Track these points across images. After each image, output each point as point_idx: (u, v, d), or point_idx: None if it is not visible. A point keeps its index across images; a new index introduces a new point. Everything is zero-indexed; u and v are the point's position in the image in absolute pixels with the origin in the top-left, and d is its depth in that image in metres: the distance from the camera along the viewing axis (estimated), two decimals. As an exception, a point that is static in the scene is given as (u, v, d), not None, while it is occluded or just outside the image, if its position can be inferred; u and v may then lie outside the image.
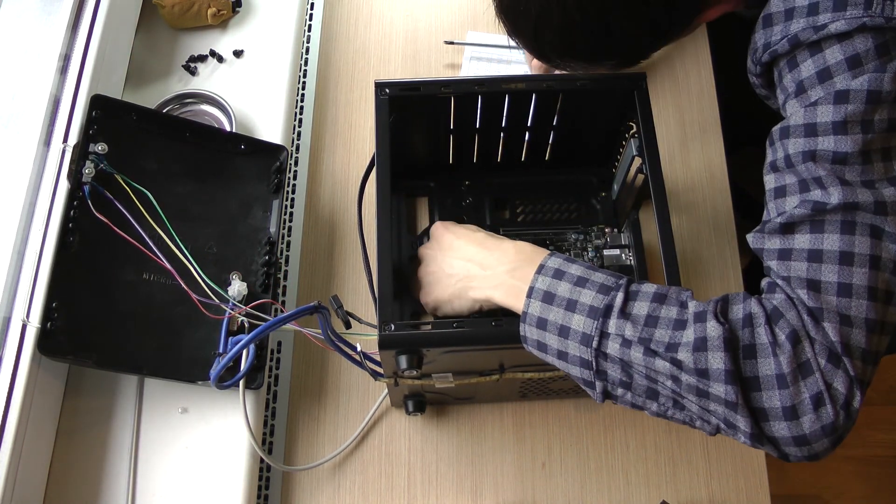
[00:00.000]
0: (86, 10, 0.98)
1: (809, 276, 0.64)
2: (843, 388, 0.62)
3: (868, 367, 0.63)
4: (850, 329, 0.63)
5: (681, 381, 0.64)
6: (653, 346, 0.65)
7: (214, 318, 0.85)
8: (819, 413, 0.61)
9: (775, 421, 0.62)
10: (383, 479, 0.91)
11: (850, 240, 0.63)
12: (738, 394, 0.62)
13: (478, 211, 0.99)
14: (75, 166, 0.86)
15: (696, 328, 0.64)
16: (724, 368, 0.62)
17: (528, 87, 0.87)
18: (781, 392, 0.62)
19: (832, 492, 1.65)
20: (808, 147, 0.65)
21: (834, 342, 0.63)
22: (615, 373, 0.67)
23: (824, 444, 0.63)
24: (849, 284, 0.63)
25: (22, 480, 0.80)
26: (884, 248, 0.63)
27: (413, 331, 0.74)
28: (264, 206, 0.96)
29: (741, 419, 0.63)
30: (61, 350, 0.81)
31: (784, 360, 0.62)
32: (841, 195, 0.63)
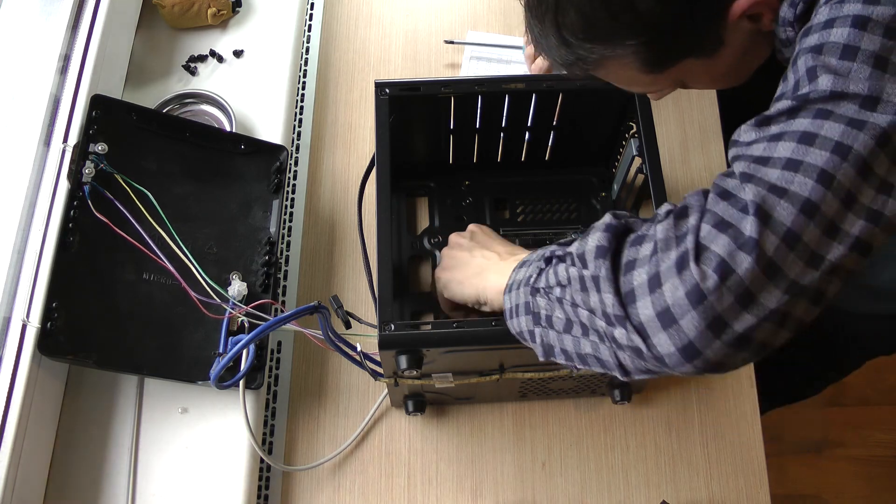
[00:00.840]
0: (86, 10, 0.98)
1: (761, 153, 0.58)
2: (723, 250, 0.55)
3: (793, 257, 0.55)
4: (778, 200, 0.55)
5: (571, 280, 0.63)
6: (559, 254, 0.66)
7: (215, 317, 0.85)
8: (682, 276, 0.56)
9: (641, 299, 0.57)
10: (383, 479, 0.91)
11: (819, 123, 0.56)
12: (608, 269, 0.59)
13: (478, 211, 0.99)
14: (75, 166, 0.86)
15: (595, 223, 0.64)
16: (596, 244, 0.61)
17: (528, 87, 0.87)
18: (649, 264, 0.58)
19: (832, 492, 1.65)
20: (819, 40, 0.59)
21: (748, 201, 0.56)
22: (544, 308, 0.67)
23: (695, 324, 0.55)
24: (799, 161, 0.56)
25: (22, 480, 0.80)
26: (857, 140, 0.55)
27: (413, 331, 0.74)
28: (264, 206, 0.96)
29: (607, 297, 0.59)
30: (61, 350, 0.81)
31: (660, 231, 0.59)
32: (830, 84, 0.57)
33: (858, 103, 0.56)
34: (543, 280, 0.68)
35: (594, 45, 0.68)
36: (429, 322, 0.77)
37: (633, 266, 0.59)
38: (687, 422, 0.93)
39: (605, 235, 0.62)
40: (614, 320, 0.60)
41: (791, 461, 1.67)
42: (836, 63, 0.57)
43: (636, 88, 0.77)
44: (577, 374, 0.81)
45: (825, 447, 1.69)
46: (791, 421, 1.59)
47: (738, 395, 0.94)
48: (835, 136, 0.55)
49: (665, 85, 0.76)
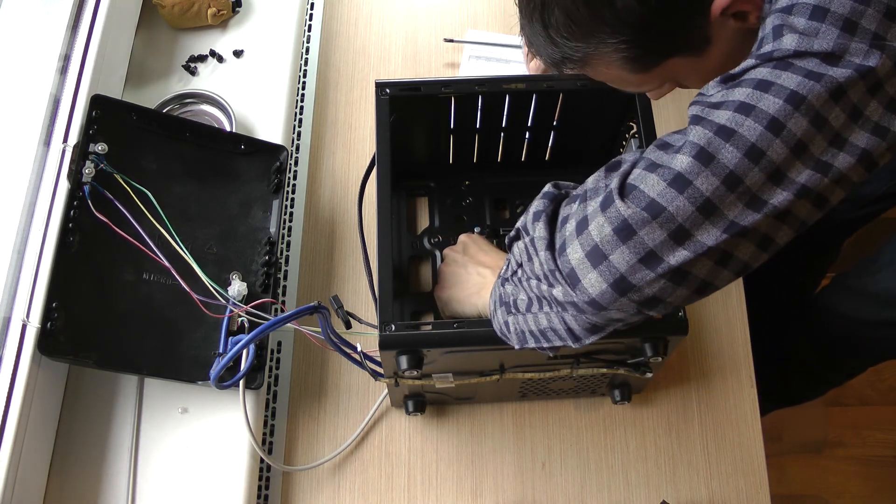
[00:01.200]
0: (86, 10, 0.98)
1: (717, 99, 0.58)
2: (652, 189, 0.56)
3: (733, 198, 0.55)
4: (723, 143, 0.55)
5: (523, 252, 0.66)
6: (512, 234, 0.70)
7: (215, 316, 0.85)
8: (607, 213, 0.57)
9: (570, 245, 0.59)
10: (383, 479, 0.91)
11: (777, 73, 0.56)
12: (544, 228, 0.62)
13: (478, 211, 0.99)
14: (75, 166, 0.86)
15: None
16: (534, 211, 0.65)
17: (528, 88, 0.87)
18: (576, 212, 0.61)
19: (832, 492, 1.65)
20: (790, 0, 0.59)
21: (687, 142, 0.56)
22: (511, 294, 0.69)
23: (626, 258, 0.56)
24: (751, 105, 0.56)
25: (22, 480, 0.79)
26: (812, 92, 0.55)
27: (413, 331, 0.74)
28: (264, 206, 0.96)
29: (543, 254, 0.62)
30: (61, 350, 0.81)
31: (590, 181, 0.62)
32: (794, 43, 0.57)
33: (820, 58, 0.56)
34: (509, 269, 0.70)
35: (578, 44, 0.68)
36: (429, 322, 0.77)
37: (566, 221, 0.61)
38: (687, 422, 0.93)
39: (541, 201, 0.65)
40: (551, 278, 0.62)
41: (791, 461, 1.67)
42: (804, 23, 0.57)
43: (629, 88, 0.77)
44: (576, 373, 0.81)
45: (825, 447, 1.69)
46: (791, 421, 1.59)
47: (738, 395, 0.94)
48: (791, 85, 0.56)
49: (656, 84, 0.76)
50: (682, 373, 0.95)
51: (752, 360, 0.95)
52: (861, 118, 0.56)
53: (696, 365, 0.95)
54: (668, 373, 0.94)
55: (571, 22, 0.67)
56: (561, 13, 0.67)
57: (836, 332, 1.24)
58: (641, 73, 0.71)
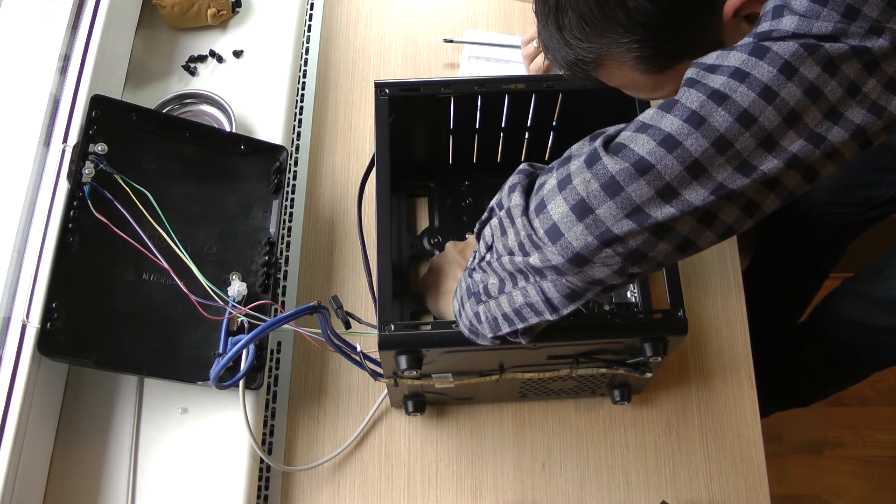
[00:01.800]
0: (86, 10, 0.98)
1: (713, 61, 0.58)
2: (641, 147, 0.56)
3: (722, 161, 0.55)
4: (716, 107, 0.55)
5: (493, 230, 0.66)
6: (483, 218, 0.70)
7: (213, 318, 0.85)
8: (594, 170, 0.57)
9: (551, 201, 0.59)
10: (383, 479, 0.91)
11: (773, 43, 0.56)
12: (520, 196, 0.62)
13: (478, 211, 0.99)
14: (75, 166, 0.86)
15: None
16: (509, 185, 0.65)
17: (528, 88, 0.87)
18: (557, 172, 0.61)
19: (832, 492, 1.65)
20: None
21: (678, 103, 0.56)
22: (481, 280, 0.69)
23: (612, 213, 0.57)
24: (746, 72, 0.56)
25: (22, 480, 0.80)
26: (805, 63, 0.55)
27: (413, 331, 0.74)
28: (264, 207, 0.96)
29: (519, 220, 0.62)
30: (61, 350, 0.81)
31: (574, 147, 0.62)
32: (794, 25, 0.56)
33: (818, 38, 0.56)
34: (475, 258, 0.70)
35: (591, 45, 0.68)
36: (428, 322, 0.77)
37: (542, 185, 0.61)
38: (687, 422, 0.93)
39: (517, 176, 0.65)
40: (527, 245, 0.61)
41: (791, 461, 1.67)
42: (805, 5, 0.57)
43: (643, 93, 0.77)
44: (576, 373, 0.81)
45: (825, 447, 1.69)
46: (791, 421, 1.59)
47: (738, 395, 0.94)
48: (785, 55, 0.56)
49: (670, 89, 0.75)
50: (681, 373, 0.95)
51: (752, 361, 0.95)
52: (859, 94, 0.56)
53: (695, 365, 0.95)
54: (668, 373, 0.95)
55: (584, 23, 0.67)
56: (574, 14, 0.67)
57: (844, 337, 1.24)
58: (654, 75, 0.71)
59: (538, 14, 0.72)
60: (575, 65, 0.72)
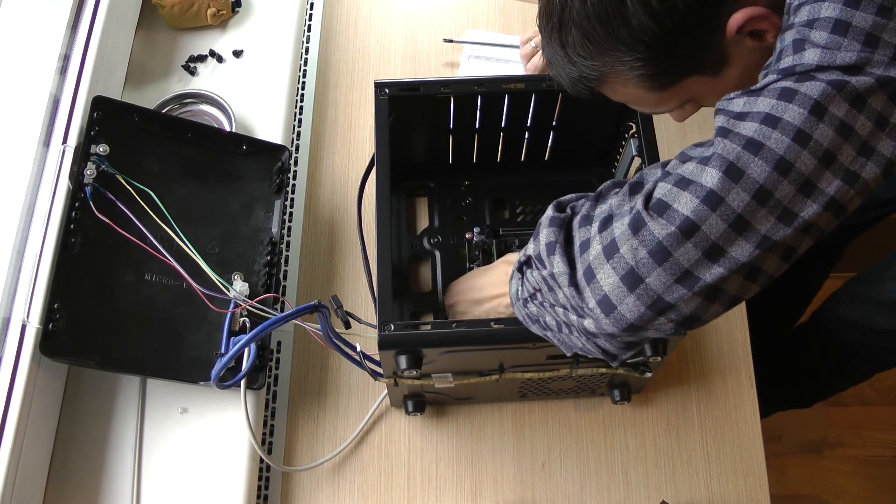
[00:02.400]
0: (86, 10, 0.98)
1: (741, 108, 0.58)
2: (685, 207, 0.56)
3: (764, 213, 0.55)
4: (753, 157, 0.55)
5: (541, 282, 0.64)
6: (522, 258, 0.68)
7: (219, 311, 0.85)
8: (640, 236, 0.57)
9: (599, 271, 0.59)
10: (383, 479, 0.91)
11: (800, 84, 0.56)
12: (561, 261, 0.61)
13: (478, 211, 0.99)
14: (77, 168, 0.86)
15: (541, 218, 0.67)
16: (545, 242, 0.63)
17: (527, 88, 0.87)
18: (601, 236, 0.60)
19: (832, 492, 1.65)
20: (811, 14, 0.59)
21: (715, 155, 0.56)
22: (539, 315, 0.68)
23: (662, 280, 0.56)
24: (777, 117, 0.56)
25: (22, 480, 0.80)
26: (834, 101, 0.55)
27: (412, 331, 0.74)
28: (266, 207, 0.96)
29: (566, 290, 0.61)
30: (63, 351, 0.81)
31: (614, 202, 0.61)
32: (817, 58, 0.56)
33: (842, 71, 0.56)
34: (524, 290, 0.69)
35: (595, 63, 0.68)
36: (428, 322, 0.77)
37: (586, 246, 0.60)
38: (687, 422, 0.93)
39: (550, 230, 0.63)
40: (580, 311, 0.61)
41: (791, 461, 1.67)
42: (825, 37, 0.57)
43: (647, 108, 0.77)
44: (576, 373, 0.81)
45: (825, 447, 1.69)
46: (791, 421, 1.59)
47: (738, 395, 0.94)
48: (814, 94, 0.56)
49: (674, 104, 0.75)
50: (681, 373, 0.95)
51: (751, 361, 0.95)
52: (888, 126, 0.56)
53: (695, 365, 0.95)
54: (668, 373, 0.95)
55: (588, 41, 0.67)
56: (578, 33, 0.67)
57: (846, 339, 1.25)
58: (658, 92, 0.71)
59: (542, 30, 0.72)
60: (579, 82, 0.72)
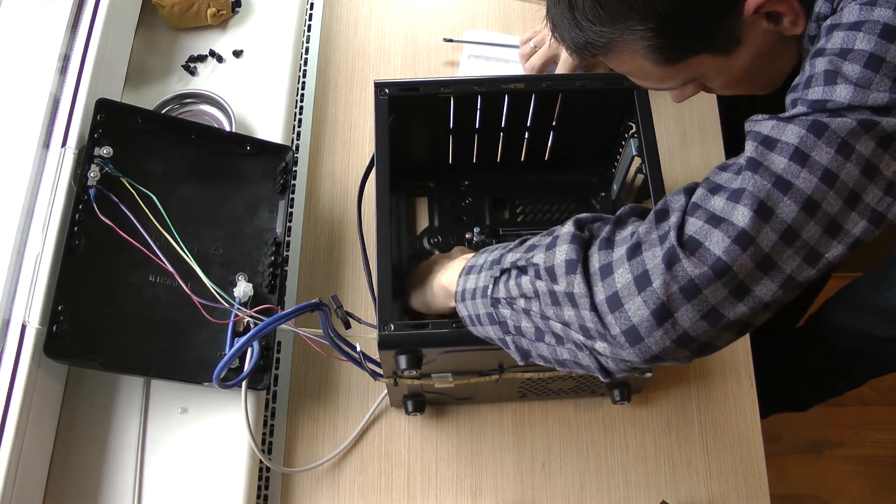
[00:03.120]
0: (85, 10, 0.98)
1: (769, 132, 0.58)
2: (718, 247, 0.55)
3: (790, 253, 0.55)
4: (782, 196, 0.55)
5: (539, 294, 0.63)
6: (520, 263, 0.65)
7: (218, 322, 0.85)
8: (673, 272, 0.56)
9: (629, 301, 0.58)
10: (383, 478, 0.91)
11: (831, 119, 0.56)
12: (581, 284, 0.59)
13: (477, 211, 0.99)
14: (80, 170, 0.86)
15: (556, 231, 0.64)
16: (565, 259, 0.61)
17: (527, 88, 0.87)
18: (629, 265, 0.58)
19: (832, 492, 1.65)
20: (844, 43, 0.58)
21: (746, 191, 0.56)
22: (510, 318, 0.67)
23: (690, 316, 0.57)
24: (806, 154, 0.56)
25: (22, 480, 0.80)
26: (861, 141, 0.55)
27: (412, 331, 0.74)
28: (270, 207, 0.96)
29: (586, 314, 0.59)
30: (68, 353, 0.81)
31: (642, 231, 0.59)
32: (849, 96, 0.56)
33: (874, 111, 0.56)
34: (502, 290, 0.67)
35: (604, 29, 0.67)
36: (428, 322, 0.77)
37: (609, 271, 0.59)
38: (687, 422, 0.93)
39: (572, 248, 0.62)
40: (594, 334, 0.60)
41: (791, 461, 1.67)
42: (858, 72, 0.57)
43: (650, 82, 0.75)
44: (576, 374, 0.81)
45: (825, 447, 1.69)
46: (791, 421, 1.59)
47: (737, 395, 0.94)
48: (843, 133, 0.56)
49: (679, 81, 0.74)
50: (681, 373, 0.95)
51: (751, 361, 0.95)
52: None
53: (695, 365, 0.95)
54: (668, 373, 0.94)
55: (599, 6, 0.66)
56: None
57: (843, 345, 1.25)
58: (665, 67, 0.69)
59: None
60: (584, 48, 0.70)
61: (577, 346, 0.63)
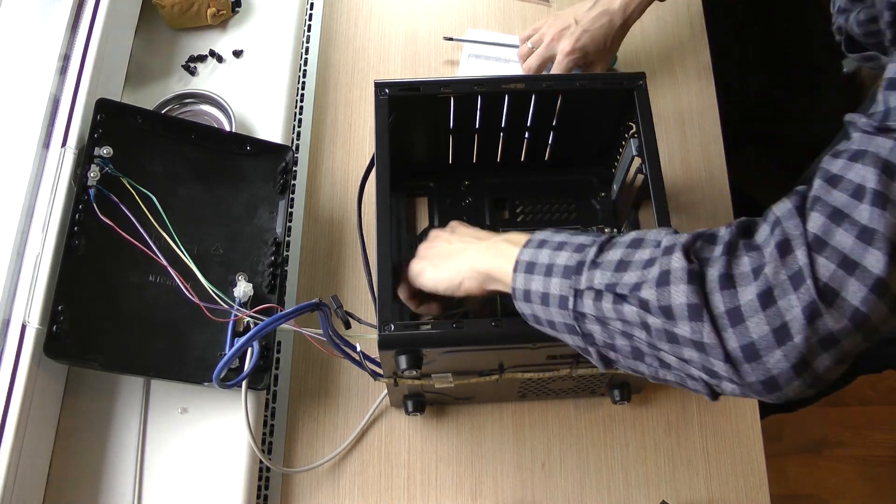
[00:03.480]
0: (85, 10, 0.98)
1: (887, 154, 0.53)
2: (856, 298, 0.53)
3: (892, 318, 0.53)
4: (893, 263, 0.52)
5: (650, 327, 0.58)
6: (619, 290, 0.60)
7: (218, 321, 0.85)
8: (815, 326, 0.53)
9: (767, 353, 0.54)
10: (383, 479, 0.91)
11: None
12: (711, 332, 0.55)
13: (478, 211, 0.99)
14: (80, 170, 0.86)
15: (662, 262, 0.58)
16: (686, 303, 0.56)
17: (527, 88, 0.87)
18: (766, 314, 0.54)
19: (832, 492, 1.65)
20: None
21: (875, 232, 0.52)
22: (599, 334, 0.63)
23: (825, 364, 0.54)
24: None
25: (22, 480, 0.80)
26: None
27: (412, 331, 0.74)
28: (270, 207, 0.96)
29: (717, 363, 0.56)
30: (68, 353, 0.81)
31: (769, 271, 0.54)
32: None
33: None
34: (590, 307, 0.62)
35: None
36: (428, 322, 0.77)
37: (740, 318, 0.55)
38: (687, 422, 0.93)
39: (691, 289, 0.57)
40: (723, 377, 0.58)
41: (791, 461, 1.67)
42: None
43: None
44: (576, 373, 0.81)
45: (825, 447, 1.69)
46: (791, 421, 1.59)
47: (737, 395, 0.94)
48: None
49: None
50: (681, 373, 0.95)
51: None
52: None
53: (695, 365, 0.95)
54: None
55: None
56: None
57: None
58: None
59: None
60: None
61: (690, 377, 0.60)
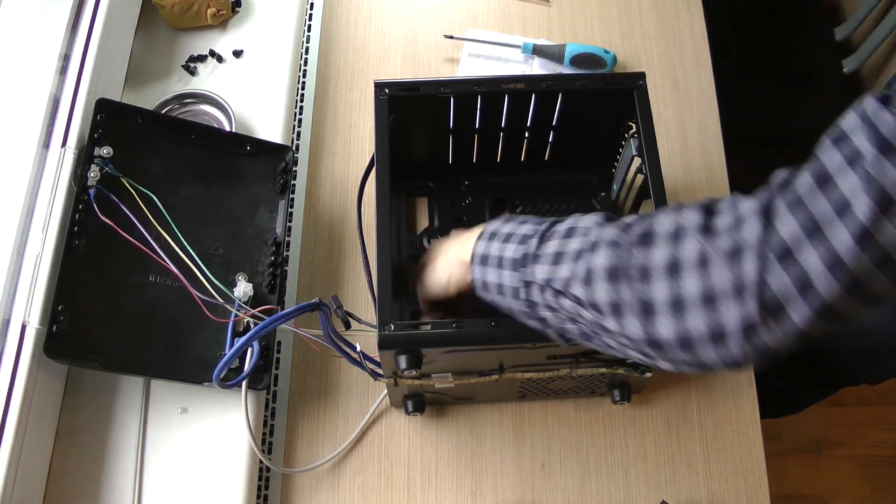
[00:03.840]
0: (85, 10, 0.98)
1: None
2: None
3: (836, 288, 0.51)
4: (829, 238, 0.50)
5: (586, 318, 0.61)
6: (555, 286, 0.62)
7: (219, 321, 0.85)
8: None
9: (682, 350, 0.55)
10: (383, 479, 0.91)
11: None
12: (638, 329, 0.56)
13: (477, 211, 0.99)
14: (80, 170, 0.86)
15: (587, 257, 0.60)
16: (608, 301, 0.57)
17: (527, 88, 0.87)
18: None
19: (832, 492, 1.65)
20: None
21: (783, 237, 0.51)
22: (551, 320, 0.65)
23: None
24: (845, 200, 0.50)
25: (22, 480, 0.80)
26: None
27: (412, 331, 0.74)
28: (270, 207, 0.96)
29: (648, 350, 0.57)
30: (68, 353, 0.81)
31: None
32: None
33: None
34: (538, 296, 0.65)
35: None
36: (428, 322, 0.77)
37: (668, 313, 0.56)
38: (687, 422, 0.93)
39: (611, 287, 0.58)
40: (657, 357, 0.58)
41: (791, 461, 1.67)
42: None
43: None
44: (576, 373, 0.81)
45: (825, 447, 1.69)
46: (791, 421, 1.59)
47: (737, 395, 0.94)
48: None
49: None
50: (681, 373, 0.95)
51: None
52: None
53: (695, 365, 0.95)
54: (668, 373, 0.94)
55: None
56: None
57: (834, 361, 1.25)
58: None
59: None
60: None
61: (633, 350, 0.61)
